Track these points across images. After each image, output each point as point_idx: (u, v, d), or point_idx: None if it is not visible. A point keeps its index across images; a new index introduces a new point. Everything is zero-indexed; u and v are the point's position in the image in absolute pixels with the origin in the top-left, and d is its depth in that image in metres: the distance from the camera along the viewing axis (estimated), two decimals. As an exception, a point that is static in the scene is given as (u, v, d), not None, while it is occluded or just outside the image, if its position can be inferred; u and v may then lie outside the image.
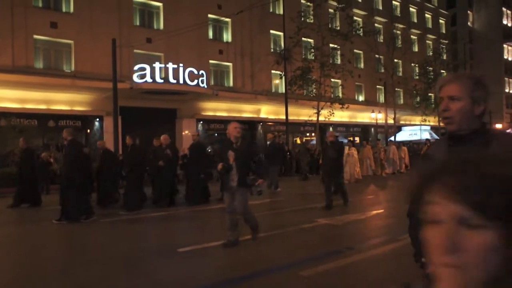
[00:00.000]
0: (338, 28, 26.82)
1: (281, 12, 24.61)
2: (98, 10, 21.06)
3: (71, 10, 20.89)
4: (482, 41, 61.58)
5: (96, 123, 20.98)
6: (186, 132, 24.16)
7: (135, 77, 20.29)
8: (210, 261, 5.07)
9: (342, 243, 5.79)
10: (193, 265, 4.90)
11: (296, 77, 22.94)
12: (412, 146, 25.31)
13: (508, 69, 63.95)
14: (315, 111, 22.88)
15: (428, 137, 28.52)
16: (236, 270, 4.67)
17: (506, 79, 63.29)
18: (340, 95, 25.68)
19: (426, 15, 45.52)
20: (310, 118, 23.37)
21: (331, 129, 30.75)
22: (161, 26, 24.00)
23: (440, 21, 48.15)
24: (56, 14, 20.49)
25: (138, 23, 23.47)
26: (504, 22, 63.94)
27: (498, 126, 19.67)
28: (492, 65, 61.08)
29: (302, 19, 23.24)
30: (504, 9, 63.90)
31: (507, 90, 63.34)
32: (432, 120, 33.27)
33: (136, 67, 20.54)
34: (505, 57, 63.59)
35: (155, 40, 22.36)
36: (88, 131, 20.67)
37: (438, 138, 14.81)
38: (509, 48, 64.58)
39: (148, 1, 23.74)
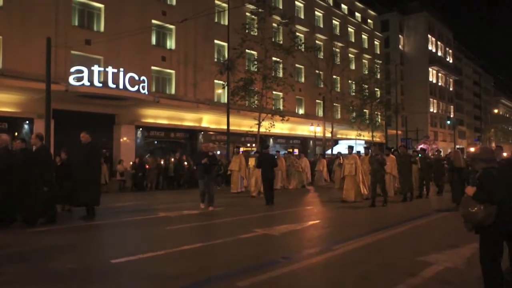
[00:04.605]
0: (281, 42, 27.57)
1: (226, 23, 24.83)
2: (32, 5, 19.93)
3: (0, 3, 19.51)
4: (411, 64, 66.59)
5: (26, 126, 19.65)
6: (125, 139, 23.38)
7: (71, 80, 19.34)
8: (145, 273, 4.95)
9: (279, 253, 5.92)
10: (127, 277, 4.76)
11: (239, 88, 23.22)
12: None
13: (433, 90, 69.59)
14: (257, 122, 23.25)
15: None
16: (172, 281, 4.61)
17: (431, 99, 68.74)
18: (281, 107, 26.36)
19: (363, 36, 48.37)
20: (251, 129, 23.68)
21: (271, 140, 31.40)
22: (102, 28, 23.16)
23: (375, 42, 51.39)
24: (-16, 7, 19.03)
25: (76, 23, 22.47)
26: (430, 47, 69.65)
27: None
28: (420, 86, 66.23)
29: (247, 31, 23.64)
30: (430, 36, 69.67)
31: (431, 110, 68.73)
32: (367, 135, 35.16)
33: (72, 69, 19.60)
34: (430, 79, 69.12)
35: (94, 42, 21.52)
36: (16, 134, 19.26)
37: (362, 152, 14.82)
38: (433, 71, 70.35)
39: (88, 1, 22.84)
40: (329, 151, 30.80)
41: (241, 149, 18.79)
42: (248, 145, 29.95)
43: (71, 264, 5.37)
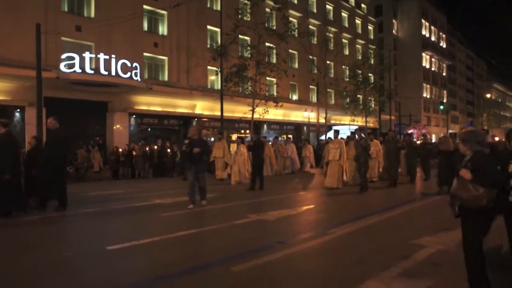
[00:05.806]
0: (274, 27, 27.31)
1: (219, 8, 24.51)
2: (20, -9, 19.48)
3: (-12, -11, 19.08)
4: (404, 49, 66.44)
5: (17, 114, 19.44)
6: (118, 126, 23.24)
7: (63, 67, 19.09)
8: (141, 259, 4.99)
9: (274, 238, 5.98)
10: (123, 263, 4.79)
11: (232, 74, 23.03)
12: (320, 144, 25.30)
13: (426, 75, 69.65)
14: (250, 108, 23.16)
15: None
16: (167, 267, 4.65)
17: (424, 84, 68.85)
18: (275, 93, 26.25)
19: (357, 20, 48.01)
20: (245, 115, 23.61)
21: (265, 126, 31.28)
22: (92, 14, 22.78)
23: (369, 27, 51.06)
24: (-30, -7, 18.59)
25: (66, 9, 22.07)
26: (423, 32, 69.45)
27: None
28: (413, 72, 66.23)
29: (239, 16, 23.36)
30: (423, 20, 69.41)
31: (424, 95, 68.90)
32: (360, 121, 35.21)
33: (63, 56, 19.34)
34: (424, 64, 69.10)
35: (85, 29, 21.21)
36: (7, 122, 19.05)
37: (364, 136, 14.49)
38: (427, 56, 70.28)
39: (77, -14, 22.39)
40: (323, 137, 30.86)
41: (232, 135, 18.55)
42: (242, 131, 29.93)
43: (68, 251, 5.39)
